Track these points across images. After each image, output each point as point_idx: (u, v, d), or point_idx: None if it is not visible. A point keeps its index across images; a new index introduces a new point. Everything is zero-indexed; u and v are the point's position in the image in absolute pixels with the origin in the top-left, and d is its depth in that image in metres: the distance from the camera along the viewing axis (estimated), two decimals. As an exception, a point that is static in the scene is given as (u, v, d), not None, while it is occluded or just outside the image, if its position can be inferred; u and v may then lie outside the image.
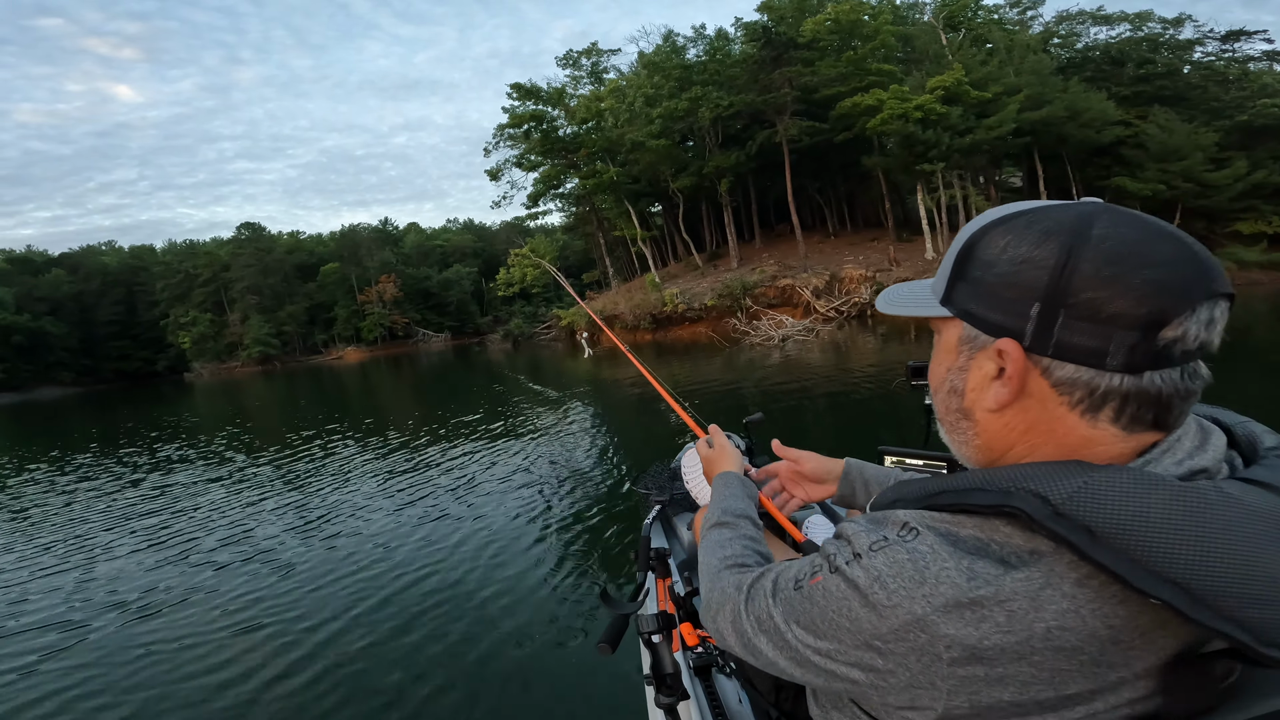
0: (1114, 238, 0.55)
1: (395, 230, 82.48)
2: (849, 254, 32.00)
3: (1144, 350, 0.54)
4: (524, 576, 4.49)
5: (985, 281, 0.61)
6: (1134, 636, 0.54)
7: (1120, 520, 0.51)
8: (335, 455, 10.26)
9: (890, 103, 25.96)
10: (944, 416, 0.70)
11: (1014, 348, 0.59)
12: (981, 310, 0.62)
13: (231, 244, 67.90)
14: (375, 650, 3.67)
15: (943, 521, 0.59)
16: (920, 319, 0.70)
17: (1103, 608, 0.53)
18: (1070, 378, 0.57)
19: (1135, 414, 0.57)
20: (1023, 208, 0.62)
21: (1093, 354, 0.55)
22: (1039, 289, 0.57)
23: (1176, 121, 31.27)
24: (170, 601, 4.79)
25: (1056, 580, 0.53)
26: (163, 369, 70.54)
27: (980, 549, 0.56)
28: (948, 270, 0.66)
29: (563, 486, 6.79)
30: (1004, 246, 0.60)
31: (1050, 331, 0.57)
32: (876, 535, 0.61)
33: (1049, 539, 0.54)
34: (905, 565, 0.57)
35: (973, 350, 0.64)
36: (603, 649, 1.32)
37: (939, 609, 0.55)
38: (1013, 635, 0.53)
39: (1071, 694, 0.55)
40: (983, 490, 0.58)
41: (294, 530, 6.32)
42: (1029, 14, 37.74)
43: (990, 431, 0.64)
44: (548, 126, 36.82)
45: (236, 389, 35.99)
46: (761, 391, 11.94)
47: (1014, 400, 0.60)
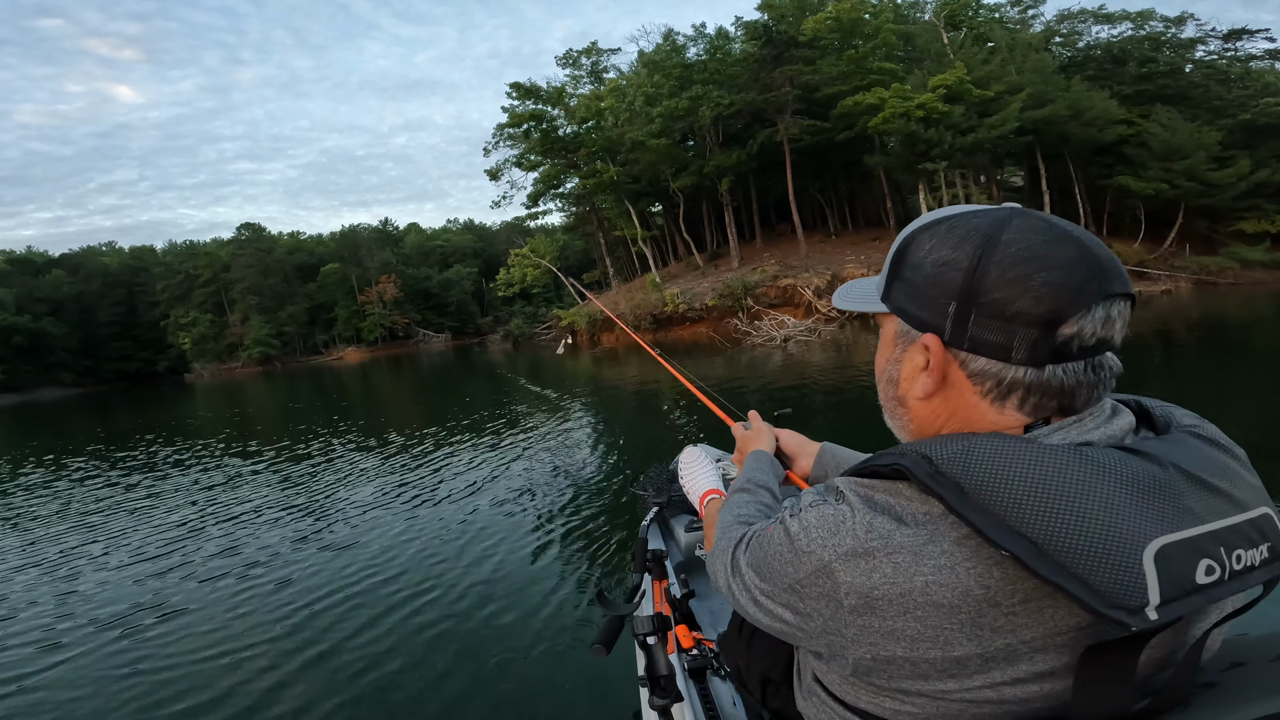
0: (1020, 241, 0.60)
1: (395, 230, 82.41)
2: (850, 254, 31.87)
3: (1044, 346, 0.59)
4: (519, 577, 4.47)
5: (914, 281, 0.68)
6: (1013, 601, 0.56)
7: (985, 478, 0.56)
8: (335, 457, 10.17)
9: (892, 101, 25.84)
10: (885, 403, 0.77)
11: (935, 342, 0.65)
12: (911, 308, 0.68)
13: (232, 244, 67.77)
14: (369, 649, 3.66)
15: (864, 486, 0.65)
16: (869, 313, 0.77)
17: (977, 567, 0.56)
18: (981, 369, 0.63)
19: (1038, 403, 0.62)
20: (949, 213, 0.68)
21: (1000, 349, 0.61)
22: (954, 289, 0.63)
23: (1179, 120, 31.16)
24: (168, 605, 4.73)
25: (939, 539, 0.58)
26: (163, 370, 70.37)
27: (885, 508, 0.62)
28: (886, 270, 0.73)
29: (560, 487, 6.77)
30: (929, 249, 0.66)
31: (965, 328, 0.63)
32: (816, 497, 0.68)
33: (930, 496, 0.59)
34: (827, 519, 0.64)
35: (905, 343, 0.71)
36: (597, 650, 1.31)
37: (840, 557, 0.61)
38: (896, 586, 0.58)
39: (959, 656, 0.58)
40: (887, 454, 0.64)
41: (292, 529, 6.27)
42: (1030, 13, 37.59)
43: (920, 417, 0.71)
44: (547, 126, 36.69)
45: (237, 390, 35.92)
46: (766, 392, 11.84)
47: (937, 390, 0.67)
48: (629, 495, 5.93)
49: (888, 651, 0.61)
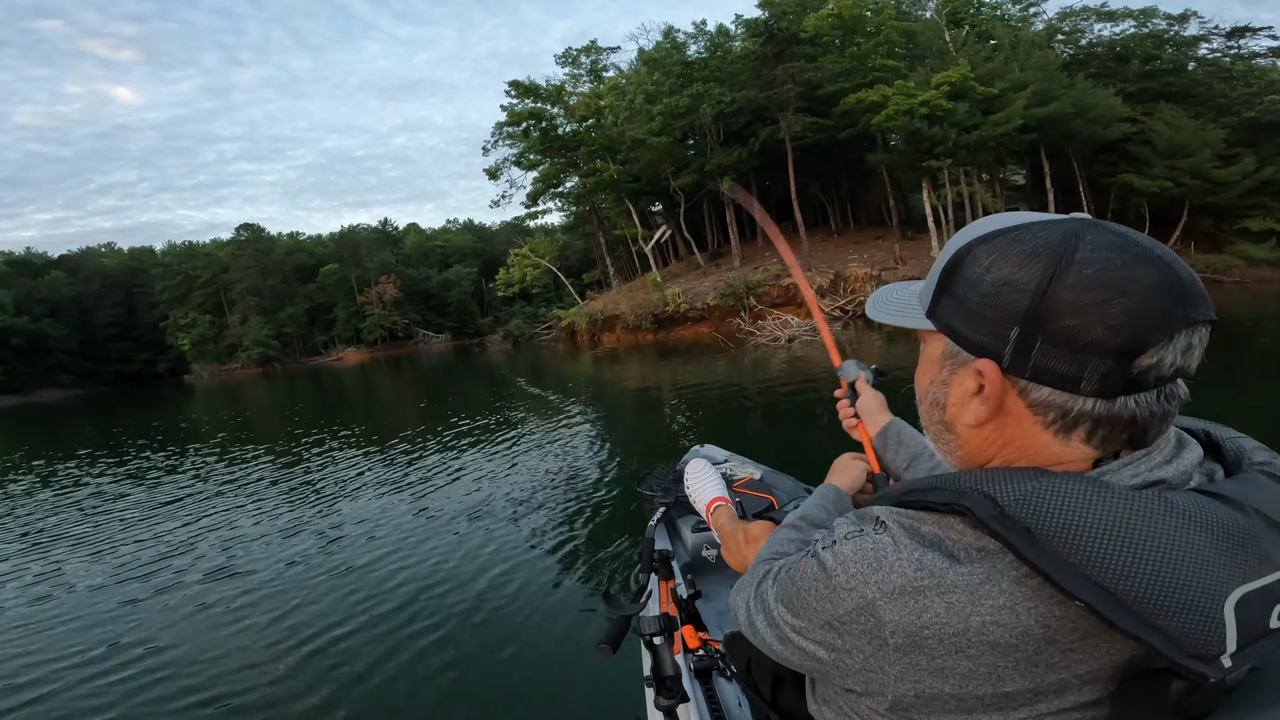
0: (1095, 263, 0.55)
1: (395, 231, 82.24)
2: (853, 252, 31.70)
3: (1118, 377, 0.55)
4: (526, 577, 4.49)
5: (969, 300, 0.62)
6: (1073, 638, 0.55)
7: (1059, 524, 0.52)
8: (337, 459, 10.03)
9: (895, 98, 25.65)
10: (928, 426, 0.72)
11: (992, 369, 0.60)
12: (964, 329, 0.62)
13: (231, 245, 67.52)
14: (374, 649, 3.67)
15: (908, 518, 0.61)
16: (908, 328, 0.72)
17: (1038, 607, 0.54)
18: (1045, 400, 0.58)
19: (1107, 436, 0.58)
20: (1009, 223, 0.62)
21: (1067, 379, 0.56)
22: (1019, 313, 0.57)
23: (1184, 118, 30.96)
24: (169, 609, 4.68)
25: (996, 577, 0.55)
26: (163, 371, 70.20)
27: (935, 543, 0.58)
28: (934, 283, 0.67)
29: (566, 488, 6.74)
30: (988, 266, 0.60)
31: (1028, 355, 0.57)
32: (853, 527, 0.64)
33: (993, 539, 0.55)
34: (867, 553, 0.60)
35: (955, 366, 0.65)
36: (604, 650, 1.31)
37: (886, 594, 0.58)
38: (949, 627, 0.55)
39: (1010, 692, 0.56)
40: (943, 490, 0.60)
41: (295, 532, 6.21)
42: (1031, 10, 37.39)
43: (970, 445, 0.66)
44: (547, 124, 36.49)
45: (237, 391, 35.85)
46: (774, 394, 11.64)
47: (991, 418, 0.62)
48: (635, 496, 5.88)
49: (934, 689, 0.58)
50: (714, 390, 12.81)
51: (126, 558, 6.13)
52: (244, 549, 5.92)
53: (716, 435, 7.63)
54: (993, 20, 33.79)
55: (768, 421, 9.38)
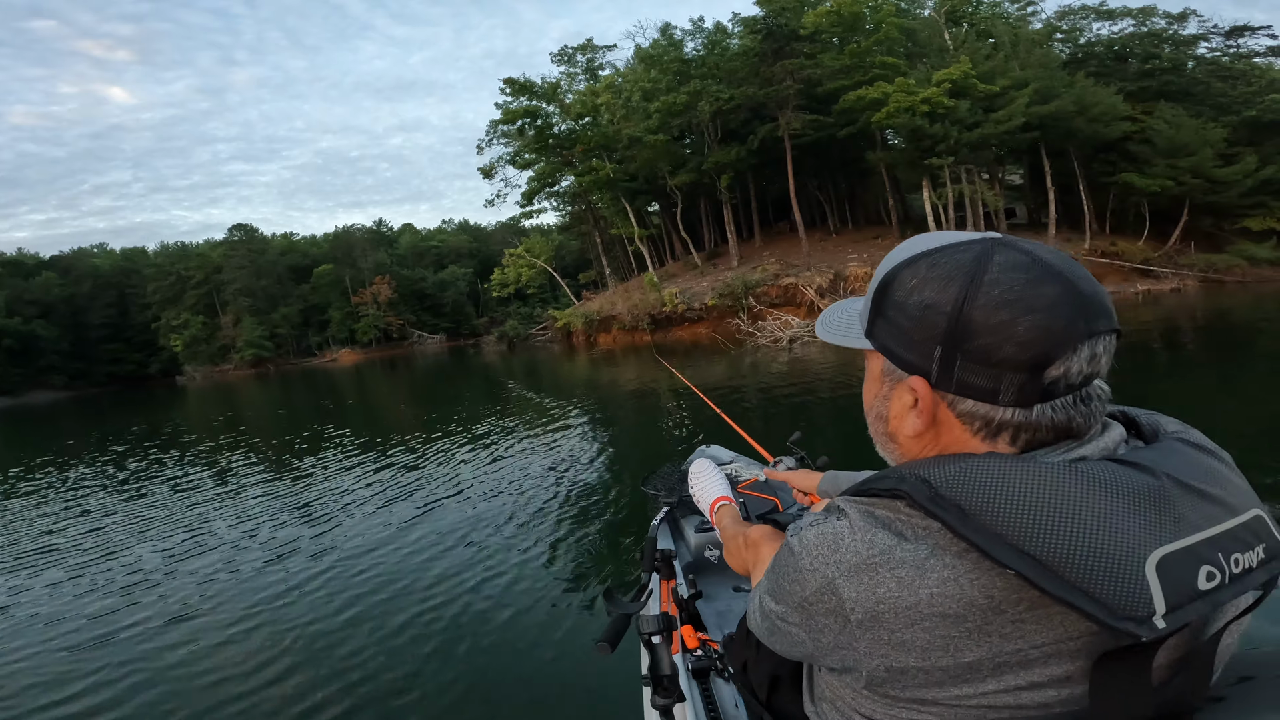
0: (1003, 282, 0.60)
1: (390, 231, 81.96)
2: (852, 252, 31.42)
3: (1031, 388, 0.60)
4: (526, 574, 4.52)
5: (897, 321, 0.68)
6: (1019, 609, 0.57)
7: (985, 499, 0.57)
8: (333, 460, 9.80)
9: (896, 96, 25.37)
10: (875, 436, 0.77)
11: (923, 385, 0.65)
12: (897, 348, 0.68)
13: (224, 246, 67.12)
14: (372, 649, 3.68)
15: (864, 504, 0.65)
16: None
17: (980, 578, 0.57)
18: (970, 410, 0.64)
19: (1030, 439, 0.63)
20: (929, 246, 0.68)
21: (987, 392, 0.61)
22: (939, 334, 0.63)
23: (1184, 117, 30.79)
24: (162, 614, 4.62)
25: (939, 552, 0.58)
26: (155, 372, 69.60)
27: (885, 524, 0.62)
28: (868, 306, 0.73)
29: (568, 488, 6.75)
30: (910, 289, 0.66)
31: (951, 372, 0.63)
32: (819, 516, 0.69)
33: (930, 517, 0.59)
34: (827, 536, 0.64)
35: (893, 382, 0.71)
36: (602, 648, 1.31)
37: (844, 572, 0.62)
38: (902, 600, 0.59)
39: (970, 662, 0.59)
40: (887, 477, 0.64)
41: (291, 537, 6.11)
42: (1030, 9, 37.19)
43: (911, 452, 0.71)
44: (542, 123, 36.10)
45: (230, 392, 35.57)
46: (776, 395, 11.34)
47: (927, 429, 0.67)
48: (637, 495, 5.90)
49: (900, 662, 0.61)
50: (715, 392, 12.51)
51: (115, 562, 5.99)
52: (239, 553, 5.78)
53: (718, 436, 7.53)
54: (992, 18, 33.53)
55: (771, 423, 9.12)
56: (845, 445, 7.62)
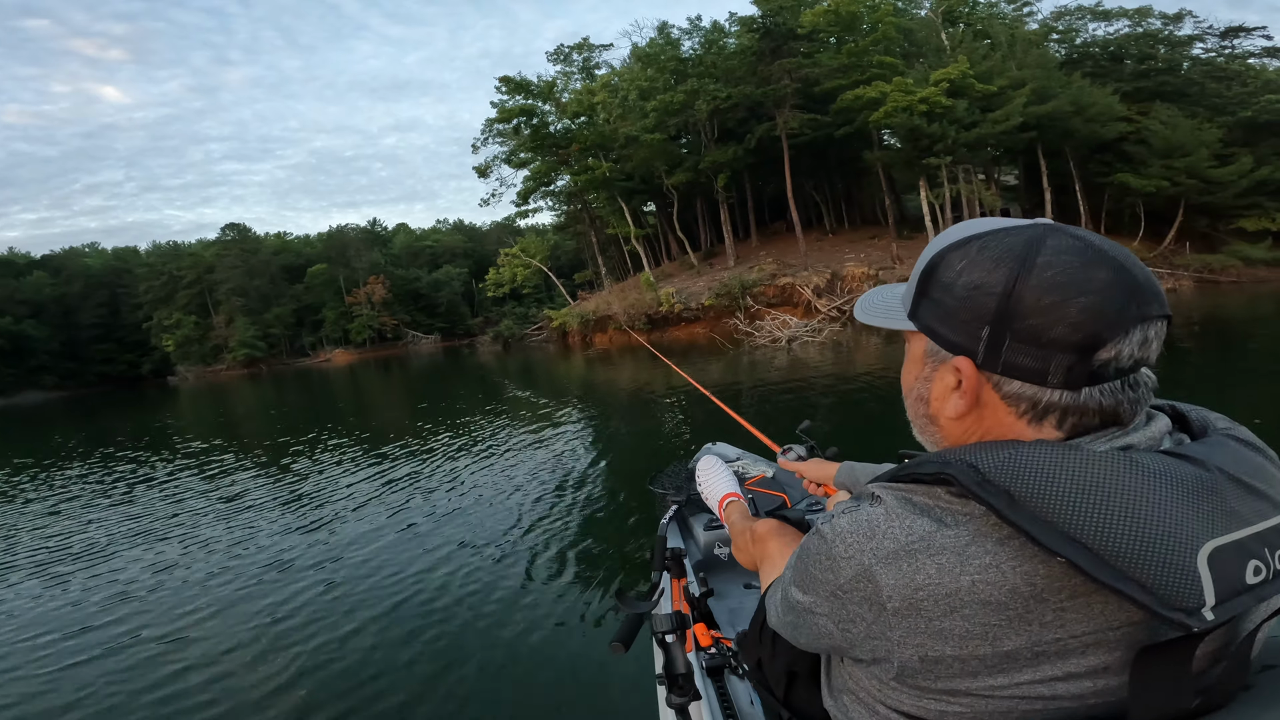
0: (1055, 265, 0.60)
1: (384, 231, 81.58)
2: (849, 252, 31.33)
3: (1080, 370, 0.60)
4: (536, 576, 4.53)
5: (944, 302, 0.67)
6: (1061, 597, 0.57)
7: (1035, 485, 0.56)
8: (332, 463, 9.66)
9: (894, 95, 25.27)
10: (914, 419, 0.77)
11: (968, 365, 0.65)
12: (942, 329, 0.68)
13: (216, 245, 66.65)
14: (382, 653, 3.67)
15: (901, 490, 0.65)
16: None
17: (1023, 565, 0.57)
18: (1016, 392, 0.63)
19: (1076, 423, 0.62)
20: (979, 229, 0.67)
21: (1035, 373, 0.61)
22: (988, 314, 0.62)
23: (1180, 117, 30.81)
24: (152, 625, 4.54)
25: (981, 539, 0.58)
26: (147, 372, 68.93)
27: (924, 510, 0.62)
28: (913, 287, 0.72)
29: (576, 488, 6.74)
30: (959, 270, 0.66)
31: (999, 352, 0.62)
32: (851, 503, 0.69)
33: (977, 502, 0.59)
34: (862, 523, 0.64)
35: (935, 363, 0.70)
36: (615, 648, 1.32)
37: (881, 559, 0.61)
38: (942, 587, 0.58)
39: (1009, 651, 0.58)
40: (930, 462, 0.64)
41: (292, 540, 6.05)
42: (1026, 10, 37.19)
43: (953, 435, 0.71)
44: (538, 121, 35.88)
45: (222, 392, 35.29)
46: (781, 396, 11.22)
47: (970, 410, 0.67)
48: (643, 494, 5.81)
49: (936, 651, 0.61)
50: (714, 391, 12.35)
51: (102, 566, 5.93)
52: (233, 560, 5.67)
53: (722, 434, 7.51)
54: (989, 18, 33.50)
55: (772, 423, 8.98)
56: (848, 441, 7.56)
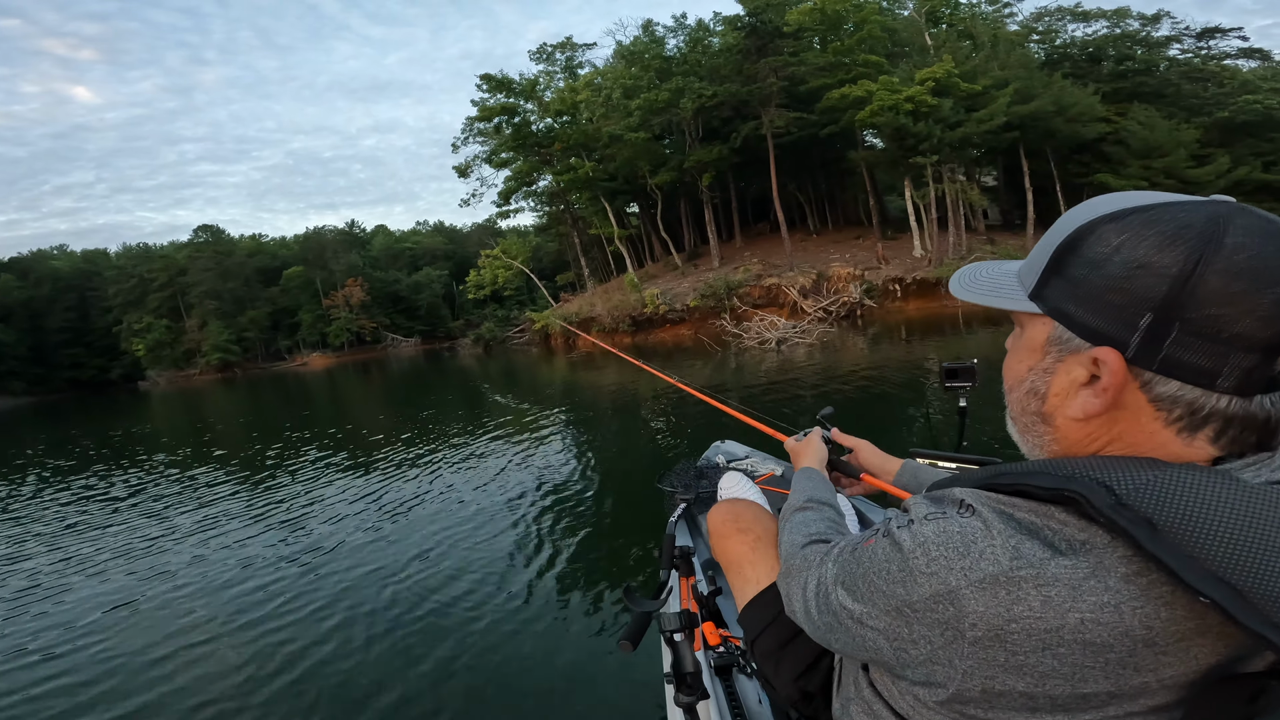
0: (1249, 248, 0.50)
1: (363, 233, 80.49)
2: (834, 252, 31.19)
3: (1261, 374, 0.52)
4: (547, 574, 4.50)
5: (1089, 282, 0.57)
6: (1170, 641, 0.51)
7: (1185, 516, 0.49)
8: (319, 469, 9.16)
9: (880, 94, 25.16)
10: (1019, 417, 0.67)
11: (1115, 358, 0.55)
12: (1080, 313, 0.58)
13: (189, 247, 65.31)
14: (387, 655, 3.63)
15: (999, 502, 0.58)
16: (998, 310, 0.66)
17: (1145, 606, 0.51)
18: (1173, 395, 0.54)
19: (1236, 436, 0.54)
20: (1140, 201, 0.57)
21: (1203, 373, 0.52)
22: (1155, 299, 0.53)
23: (1157, 118, 31.13)
24: (131, 632, 4.36)
25: (1103, 573, 0.51)
26: (117, 377, 67.37)
27: (1033, 531, 0.55)
28: (1042, 262, 0.62)
29: (582, 488, 6.69)
30: (1117, 246, 0.55)
31: (1159, 346, 0.53)
32: (935, 508, 0.61)
33: (1107, 530, 0.52)
34: (954, 536, 0.57)
35: (1062, 353, 0.60)
36: (624, 646, 1.33)
37: (974, 583, 0.54)
38: (1043, 621, 0.52)
39: (1087, 694, 0.53)
40: (1046, 474, 0.56)
41: (283, 549, 5.76)
42: (1006, 10, 37.41)
43: (1070, 439, 0.61)
44: (520, 120, 35.37)
45: (195, 398, 34.37)
46: (770, 395, 10.87)
47: (1105, 411, 0.57)
48: (641, 494, 5.90)
49: (1005, 686, 0.55)
50: (711, 393, 12.01)
51: (78, 576, 5.64)
52: (221, 571, 5.34)
53: (721, 432, 7.58)
54: (972, 18, 33.60)
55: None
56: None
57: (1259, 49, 36.14)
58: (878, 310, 26.70)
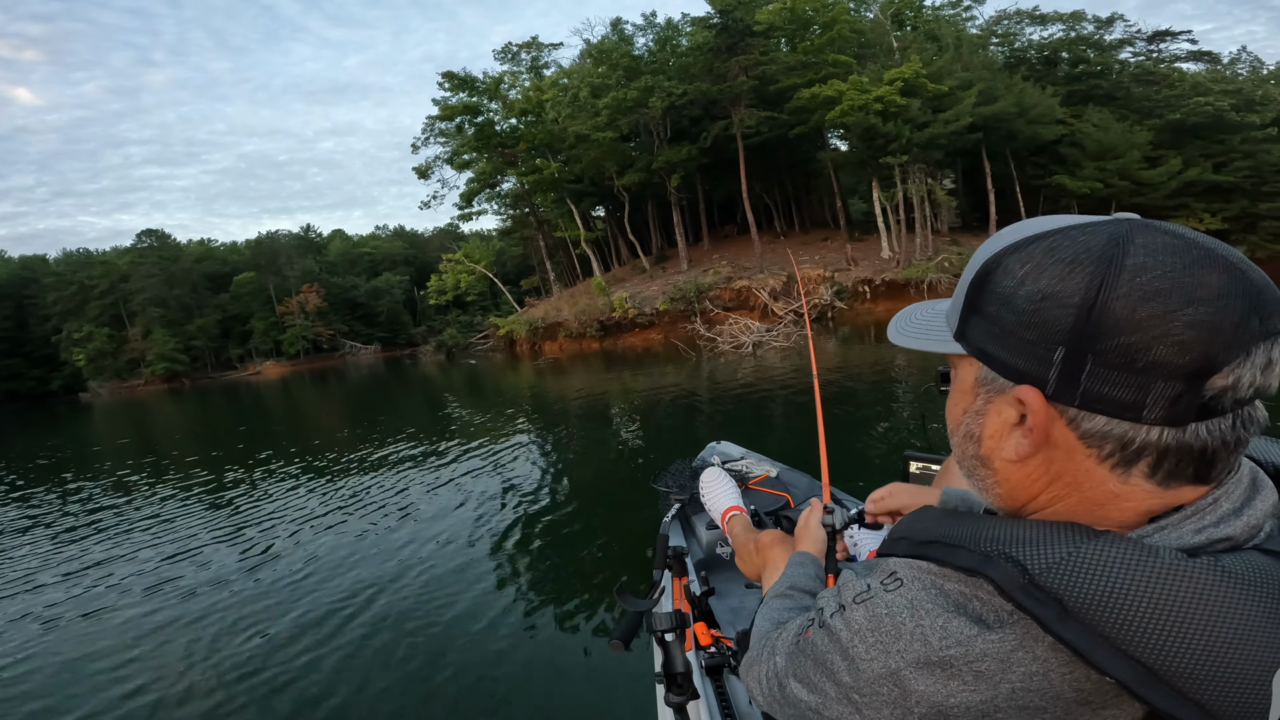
0: (1152, 268, 0.48)
1: (319, 238, 78.30)
2: (803, 254, 31.07)
3: (1188, 402, 0.48)
4: (539, 573, 4.53)
5: (1002, 319, 0.54)
6: (1105, 698, 0.51)
7: (1094, 594, 0.48)
8: (278, 482, 8.66)
9: (850, 94, 25.07)
10: (961, 462, 0.64)
11: (1035, 397, 0.52)
12: (999, 352, 0.55)
13: (132, 253, 62.57)
14: (388, 654, 3.62)
15: (929, 573, 0.57)
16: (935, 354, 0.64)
17: (1073, 673, 0.50)
18: (1100, 430, 0.51)
19: (1173, 469, 0.51)
20: (1043, 227, 0.55)
21: (1127, 406, 0.49)
22: (1062, 332, 0.50)
23: (1111, 120, 31.82)
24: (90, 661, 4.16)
25: (1030, 644, 0.51)
26: (57, 389, 64.23)
27: (960, 606, 0.54)
28: (960, 301, 0.60)
29: (575, 489, 6.74)
30: (1021, 278, 0.53)
31: (1076, 380, 0.50)
32: (862, 586, 0.61)
33: (1019, 610, 0.51)
34: (884, 620, 0.57)
35: (990, 394, 0.57)
36: (615, 645, 1.32)
37: (911, 665, 0.54)
38: (978, 694, 0.52)
39: None
40: (965, 550, 0.55)
41: (259, 568, 5.53)
42: (967, 14, 37.92)
43: (1011, 481, 0.58)
44: (484, 120, 34.49)
45: (139, 409, 32.79)
46: (754, 399, 10.41)
47: (1036, 452, 0.55)
48: (642, 496, 5.77)
49: None
50: (694, 401, 11.52)
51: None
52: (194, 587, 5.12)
53: (724, 431, 7.43)
54: (936, 20, 33.92)
55: (769, 433, 8.22)
56: (843, 447, 6.90)
57: (1207, 51, 37.32)
58: (847, 312, 26.62)
